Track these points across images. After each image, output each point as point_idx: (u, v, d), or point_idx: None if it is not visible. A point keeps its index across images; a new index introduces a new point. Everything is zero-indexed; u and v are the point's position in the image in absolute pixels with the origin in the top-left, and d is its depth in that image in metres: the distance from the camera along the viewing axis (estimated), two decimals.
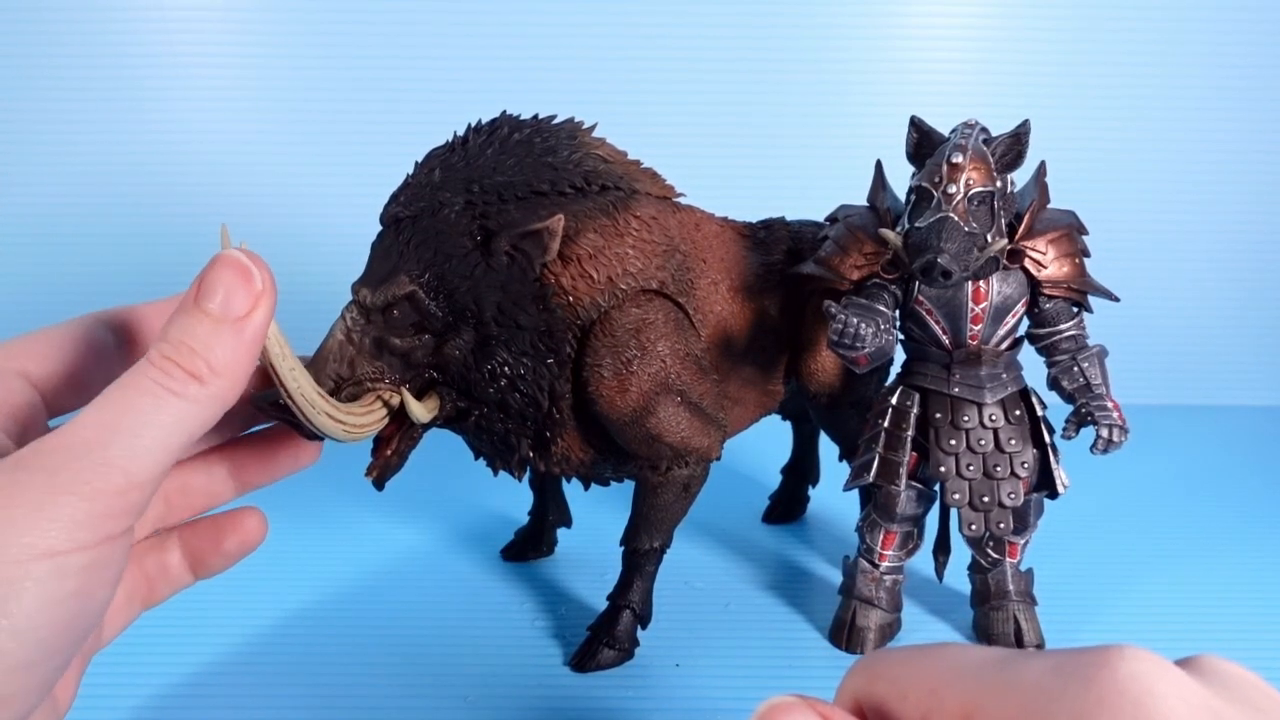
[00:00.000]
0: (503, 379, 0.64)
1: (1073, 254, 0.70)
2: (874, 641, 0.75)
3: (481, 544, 0.92)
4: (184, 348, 0.42)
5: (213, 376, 0.42)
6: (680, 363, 0.69)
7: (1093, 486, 0.92)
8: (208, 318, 0.43)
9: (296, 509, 0.99)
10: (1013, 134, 0.67)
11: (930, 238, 0.63)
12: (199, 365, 0.42)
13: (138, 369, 0.42)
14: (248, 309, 0.44)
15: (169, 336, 0.42)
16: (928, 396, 0.72)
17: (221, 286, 0.44)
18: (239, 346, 0.43)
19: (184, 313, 0.43)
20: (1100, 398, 0.69)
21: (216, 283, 0.44)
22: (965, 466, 0.71)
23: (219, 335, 0.43)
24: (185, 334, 0.43)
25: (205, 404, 0.42)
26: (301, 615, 0.79)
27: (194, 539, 0.54)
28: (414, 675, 0.71)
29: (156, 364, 0.42)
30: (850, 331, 0.66)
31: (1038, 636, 0.74)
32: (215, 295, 0.43)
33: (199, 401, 0.42)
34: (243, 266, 0.44)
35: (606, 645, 0.71)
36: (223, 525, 0.54)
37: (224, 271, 0.44)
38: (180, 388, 0.41)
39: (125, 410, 0.41)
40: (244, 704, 0.67)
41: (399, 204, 0.65)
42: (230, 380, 0.43)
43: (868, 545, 0.75)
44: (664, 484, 0.71)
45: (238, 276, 0.44)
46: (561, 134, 0.68)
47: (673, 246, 0.71)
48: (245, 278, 0.44)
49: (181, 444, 0.42)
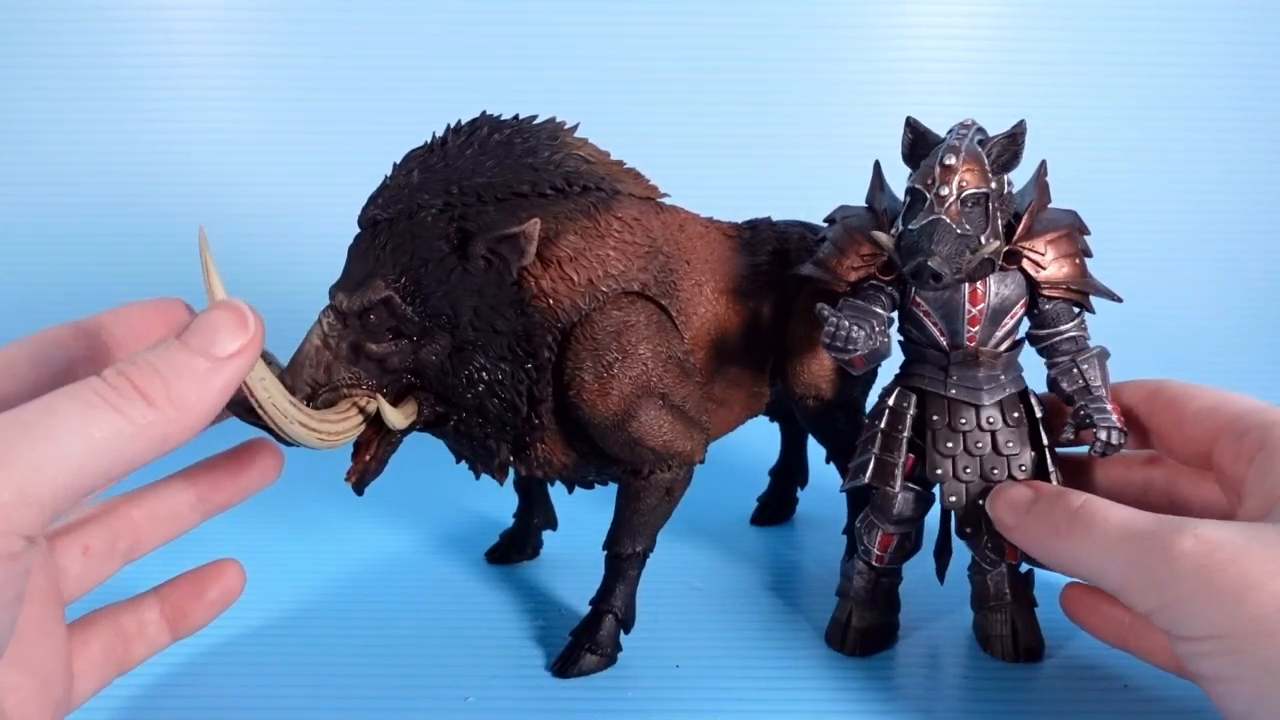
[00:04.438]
0: (480, 384, 0.64)
1: (1073, 254, 0.68)
2: (871, 643, 0.74)
3: (466, 547, 0.92)
4: (147, 367, 0.40)
5: (166, 404, 0.40)
6: (662, 365, 0.68)
7: None
8: (185, 348, 0.41)
9: (278, 513, 1.00)
10: (1009, 134, 0.65)
11: (921, 240, 0.62)
12: (155, 387, 0.40)
13: (84, 380, 0.39)
14: (230, 353, 0.42)
15: (136, 357, 0.41)
16: (925, 398, 0.71)
17: (212, 326, 0.42)
18: (207, 385, 0.41)
19: (163, 341, 0.42)
20: (1099, 399, 0.67)
21: (209, 322, 0.42)
22: (962, 469, 0.70)
23: (190, 366, 0.41)
24: (154, 355, 0.41)
25: (145, 431, 0.39)
26: (283, 619, 0.79)
27: (173, 594, 0.54)
28: (400, 678, 0.71)
29: (107, 378, 0.39)
30: (842, 334, 0.65)
31: (1037, 638, 0.73)
32: (202, 332, 0.42)
33: (138, 425, 0.39)
34: (240, 313, 0.43)
35: (589, 650, 0.71)
36: (203, 577, 0.54)
37: (220, 313, 0.43)
38: (123, 404, 0.39)
39: (43, 416, 0.37)
40: (228, 705, 0.68)
41: (377, 206, 0.64)
42: (183, 416, 0.40)
43: (865, 547, 0.74)
44: (647, 488, 0.71)
45: (232, 320, 0.43)
46: (542, 134, 0.67)
47: (655, 248, 0.70)
48: (240, 323, 0.43)
49: (105, 468, 0.38)
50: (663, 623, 0.78)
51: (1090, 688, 0.69)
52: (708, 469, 0.74)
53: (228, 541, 0.92)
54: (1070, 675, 0.71)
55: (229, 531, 0.94)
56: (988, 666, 0.72)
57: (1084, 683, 0.70)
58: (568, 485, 0.75)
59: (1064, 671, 0.71)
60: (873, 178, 0.73)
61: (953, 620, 0.79)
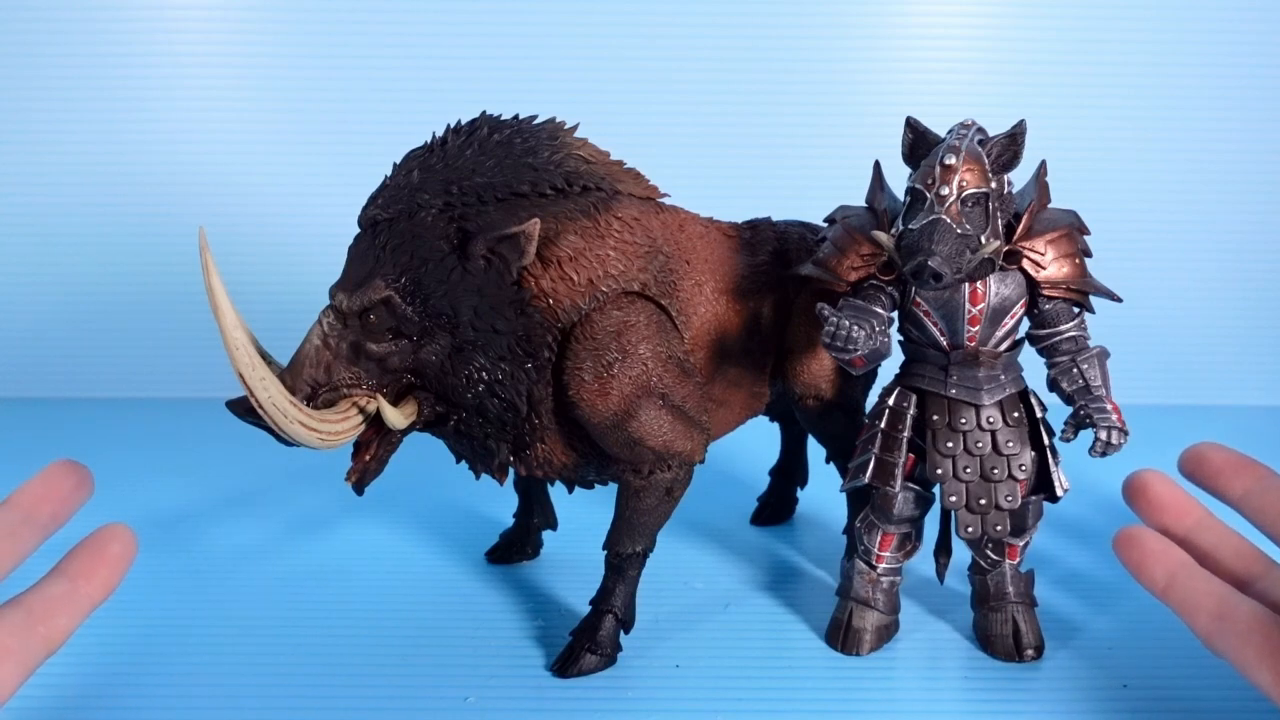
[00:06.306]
0: (480, 384, 0.64)
1: (1073, 254, 0.68)
2: (870, 643, 0.74)
3: (466, 547, 0.92)
4: None
5: None
6: (662, 365, 0.68)
7: (1094, 488, 0.91)
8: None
9: (278, 513, 1.00)
10: (1009, 134, 0.65)
11: (921, 240, 0.62)
12: None
13: None
14: None
15: None
16: (925, 398, 0.71)
17: None
18: None
19: None
20: (1099, 399, 0.67)
21: None
22: (962, 469, 0.70)
23: None
24: None
25: None
26: (283, 619, 0.79)
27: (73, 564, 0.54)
28: (400, 678, 0.71)
29: None
30: (842, 334, 0.65)
31: (1037, 638, 0.73)
32: None
33: None
34: None
35: (589, 650, 0.70)
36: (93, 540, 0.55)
37: None
38: None
39: None
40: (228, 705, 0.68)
41: (377, 206, 0.64)
42: None
43: (865, 547, 0.74)
44: (646, 488, 0.70)
45: None
46: (542, 134, 0.67)
47: (655, 248, 0.70)
48: None
49: None
50: (663, 623, 0.78)
51: (1090, 688, 0.69)
52: (708, 469, 0.74)
53: (226, 541, 0.93)
54: (1070, 675, 0.71)
55: (229, 531, 0.95)
56: (988, 666, 0.72)
57: (1084, 683, 0.70)
58: (568, 485, 0.75)
59: (1064, 671, 0.71)
60: (873, 178, 0.73)
61: (953, 620, 0.78)
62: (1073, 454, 0.73)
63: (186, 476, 1.10)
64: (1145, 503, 0.66)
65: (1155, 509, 0.66)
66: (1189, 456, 0.67)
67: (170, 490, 1.06)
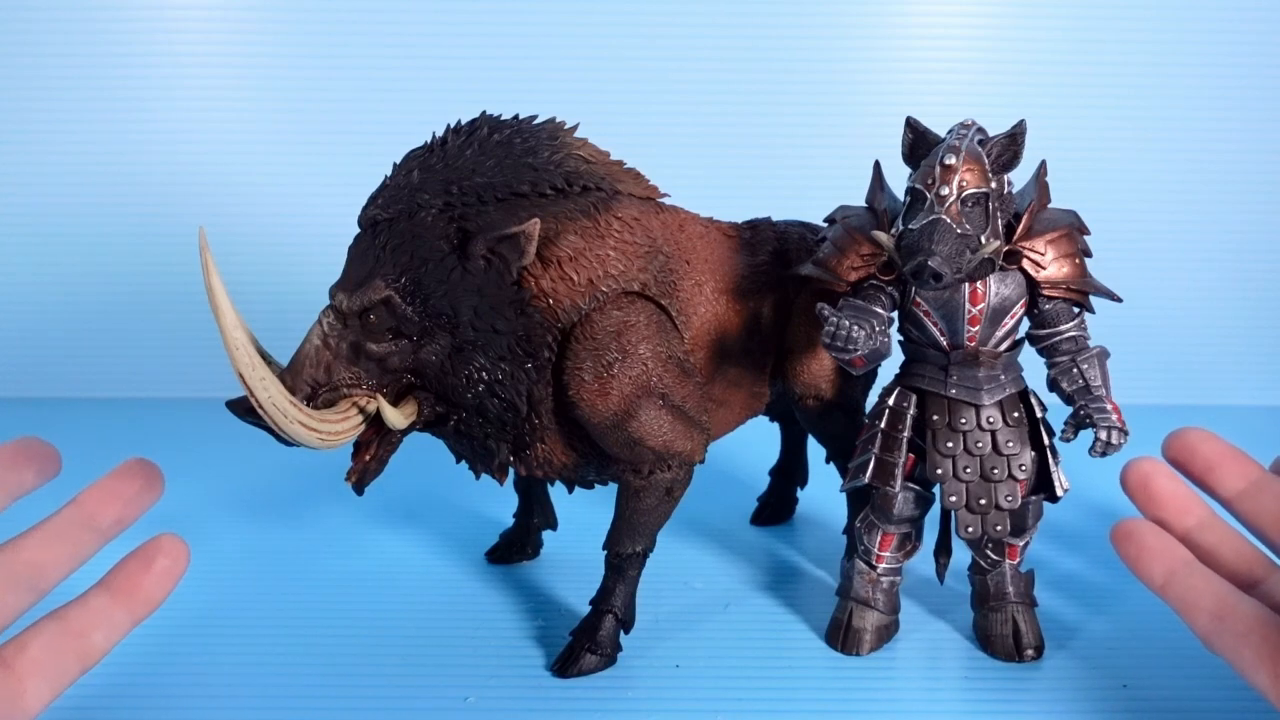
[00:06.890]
0: (480, 384, 0.64)
1: (1073, 254, 0.68)
2: (870, 643, 0.74)
3: (466, 547, 0.92)
4: None
5: None
6: (662, 365, 0.68)
7: (1094, 488, 0.91)
8: None
9: (278, 513, 1.00)
10: (1009, 134, 0.65)
11: (921, 240, 0.62)
12: None
13: None
14: None
15: None
16: (925, 398, 0.71)
17: None
18: None
19: None
20: (1099, 399, 0.67)
21: None
22: (962, 469, 0.70)
23: None
24: None
25: None
26: (283, 619, 0.79)
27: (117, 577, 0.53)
28: (400, 678, 0.71)
29: None
30: (842, 334, 0.65)
31: (1037, 638, 0.73)
32: None
33: None
34: None
35: (589, 650, 0.70)
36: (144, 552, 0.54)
37: None
38: None
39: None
40: (228, 705, 0.68)
41: (377, 206, 0.64)
42: None
43: (865, 547, 0.74)
44: (646, 488, 0.70)
45: None
46: (542, 134, 0.67)
47: (655, 248, 0.70)
48: None
49: None
50: (663, 623, 0.78)
51: (1090, 688, 0.69)
52: (708, 469, 0.74)
53: (227, 542, 0.93)
54: (1070, 675, 0.71)
55: (228, 532, 0.95)
56: (988, 666, 0.72)
57: (1084, 683, 0.70)
58: (568, 485, 0.75)
59: (1064, 671, 0.71)
60: (873, 178, 0.73)
61: (953, 620, 0.79)
62: (1073, 454, 0.73)
63: (186, 476, 1.09)
64: (1146, 496, 0.65)
65: (1156, 503, 0.65)
66: (1178, 445, 0.65)
67: (169, 490, 1.05)
